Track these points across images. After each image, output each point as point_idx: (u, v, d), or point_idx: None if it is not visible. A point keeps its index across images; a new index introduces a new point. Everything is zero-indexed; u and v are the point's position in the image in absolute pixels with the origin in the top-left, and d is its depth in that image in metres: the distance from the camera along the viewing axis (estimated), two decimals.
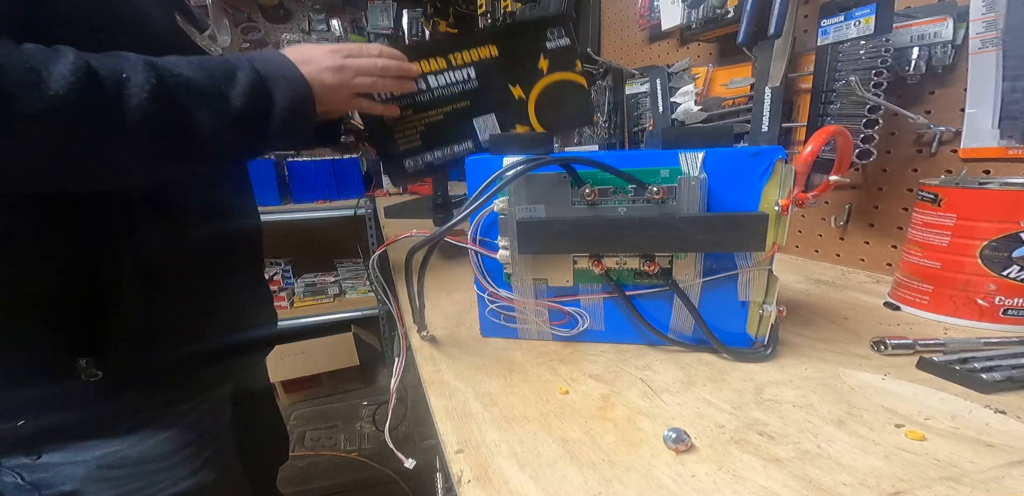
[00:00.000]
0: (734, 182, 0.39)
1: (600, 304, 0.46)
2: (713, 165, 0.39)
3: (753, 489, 0.26)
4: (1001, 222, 0.44)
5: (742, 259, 0.40)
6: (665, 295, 0.43)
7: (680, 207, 0.39)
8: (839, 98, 0.62)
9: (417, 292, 0.46)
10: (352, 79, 0.51)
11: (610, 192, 0.40)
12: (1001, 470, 0.27)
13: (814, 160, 0.36)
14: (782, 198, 0.38)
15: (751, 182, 0.38)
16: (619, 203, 0.40)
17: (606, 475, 0.28)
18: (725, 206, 0.39)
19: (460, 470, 0.29)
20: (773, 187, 0.38)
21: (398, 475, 1.54)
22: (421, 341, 0.49)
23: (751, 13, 0.72)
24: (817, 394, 0.36)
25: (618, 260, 0.43)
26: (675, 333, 0.45)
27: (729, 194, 0.39)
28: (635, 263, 0.42)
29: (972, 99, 0.55)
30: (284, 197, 1.98)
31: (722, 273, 0.41)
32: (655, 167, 0.39)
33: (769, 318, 0.41)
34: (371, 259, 0.45)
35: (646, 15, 1.06)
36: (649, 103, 1.02)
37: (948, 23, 0.55)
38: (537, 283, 0.45)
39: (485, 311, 0.48)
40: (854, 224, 0.70)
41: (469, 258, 0.46)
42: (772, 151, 0.37)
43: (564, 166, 0.40)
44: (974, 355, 0.39)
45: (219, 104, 0.41)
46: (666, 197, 0.39)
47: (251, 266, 0.63)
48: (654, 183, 0.39)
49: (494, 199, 0.41)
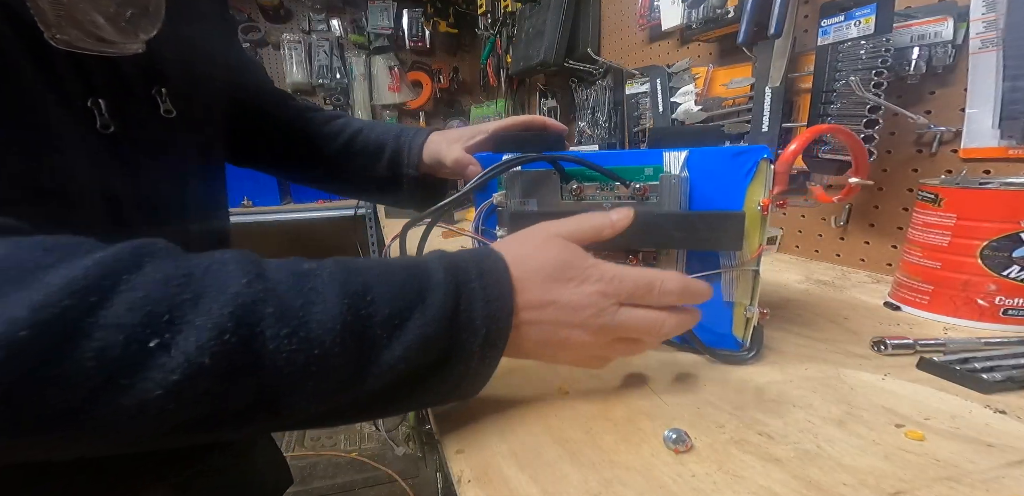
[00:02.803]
0: (718, 181, 0.38)
1: None
2: (697, 164, 0.39)
3: (753, 489, 0.26)
4: (1001, 222, 0.44)
5: (726, 258, 0.40)
6: None
7: (661, 204, 0.39)
8: (839, 98, 0.62)
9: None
10: (606, 347, 0.31)
11: (596, 188, 0.42)
12: (1001, 470, 0.27)
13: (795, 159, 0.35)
14: (764, 197, 0.38)
15: (735, 181, 0.38)
16: (604, 199, 0.42)
17: (606, 475, 0.28)
18: (710, 205, 0.39)
19: (460, 470, 0.29)
20: (758, 187, 0.37)
21: (398, 475, 1.54)
22: None
23: (751, 13, 0.72)
24: (817, 394, 0.36)
25: (603, 254, 0.43)
26: None
27: (714, 193, 0.39)
28: (619, 257, 0.43)
29: (972, 99, 0.55)
30: (284, 197, 1.98)
31: (706, 271, 0.41)
32: (639, 165, 0.40)
33: (752, 320, 0.41)
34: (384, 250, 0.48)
35: (646, 15, 1.06)
36: (649, 103, 1.02)
37: (948, 23, 0.55)
38: None
39: None
40: (854, 224, 0.70)
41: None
42: (756, 150, 0.37)
43: (551, 163, 0.43)
44: (974, 355, 0.39)
45: (342, 383, 0.24)
46: (648, 194, 0.39)
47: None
48: (637, 180, 0.40)
49: (493, 191, 0.44)
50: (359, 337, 0.23)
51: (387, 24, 2.31)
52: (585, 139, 1.32)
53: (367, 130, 0.59)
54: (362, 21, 2.34)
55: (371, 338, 0.24)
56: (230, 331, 0.20)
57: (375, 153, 0.58)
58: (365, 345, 0.23)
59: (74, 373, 0.18)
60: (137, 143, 0.34)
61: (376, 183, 0.59)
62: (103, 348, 0.18)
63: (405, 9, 2.34)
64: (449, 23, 2.36)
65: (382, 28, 2.31)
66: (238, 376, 0.21)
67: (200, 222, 0.43)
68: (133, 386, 0.19)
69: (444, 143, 0.55)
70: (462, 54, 2.52)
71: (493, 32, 1.85)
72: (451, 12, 2.34)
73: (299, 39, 2.26)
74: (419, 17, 2.37)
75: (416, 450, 1.64)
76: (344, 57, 2.35)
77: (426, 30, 2.39)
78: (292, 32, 2.27)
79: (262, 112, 0.59)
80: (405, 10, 2.35)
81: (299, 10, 2.29)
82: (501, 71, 1.86)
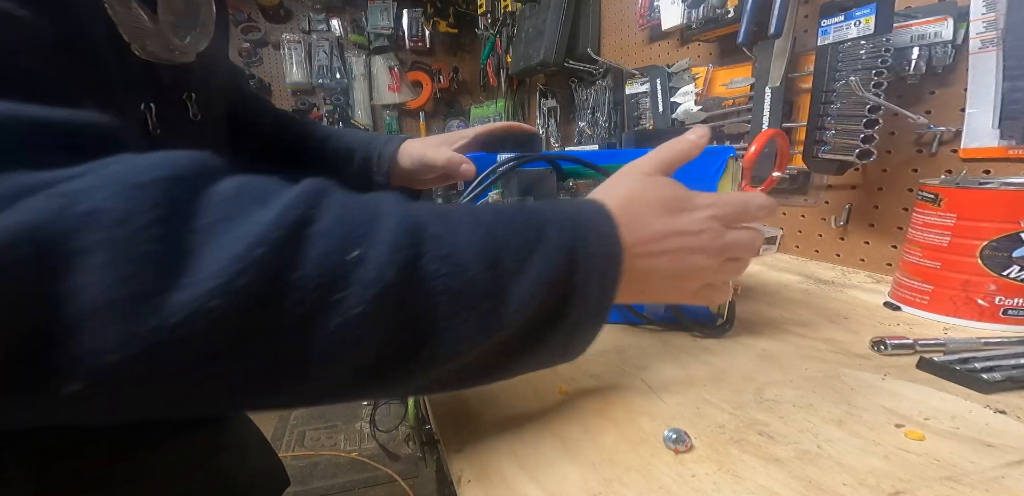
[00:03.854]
0: (693, 177, 0.43)
1: None
2: None
3: (753, 489, 0.26)
4: (1001, 222, 0.44)
5: None
6: None
7: None
8: (839, 98, 0.62)
9: None
10: (720, 270, 0.32)
11: (591, 185, 0.45)
12: (1001, 470, 0.27)
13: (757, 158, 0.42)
14: (733, 190, 0.43)
15: (707, 177, 0.43)
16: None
17: (606, 475, 0.28)
18: None
19: (460, 470, 0.29)
20: (726, 182, 0.43)
21: (398, 475, 1.54)
22: None
23: (751, 13, 0.72)
24: (817, 394, 0.36)
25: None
26: (649, 312, 0.49)
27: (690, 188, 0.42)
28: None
29: (972, 99, 0.55)
30: None
31: None
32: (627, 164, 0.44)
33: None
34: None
35: (646, 15, 1.06)
36: (649, 103, 1.02)
37: (948, 23, 0.55)
38: None
39: None
40: (854, 224, 0.70)
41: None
42: (723, 150, 0.42)
43: (550, 162, 0.45)
44: (974, 355, 0.39)
45: (485, 318, 0.23)
46: None
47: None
48: None
49: (489, 191, 0.46)
50: (495, 266, 0.23)
51: (387, 24, 2.31)
52: (585, 139, 1.32)
53: (336, 136, 0.60)
54: (362, 21, 2.34)
55: (505, 270, 0.24)
56: (406, 248, 0.21)
57: (345, 158, 0.59)
58: (502, 277, 0.24)
59: (304, 280, 0.19)
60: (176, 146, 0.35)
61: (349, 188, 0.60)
62: (323, 255, 0.20)
63: (405, 9, 2.34)
64: (449, 23, 2.36)
65: (382, 28, 2.31)
66: (412, 297, 0.21)
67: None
68: (340, 303, 0.19)
69: (428, 148, 0.55)
70: (462, 54, 2.52)
71: (493, 32, 1.85)
72: (451, 12, 2.34)
73: (299, 39, 2.26)
74: (419, 17, 2.37)
75: (416, 450, 1.64)
76: (344, 57, 2.35)
77: (426, 30, 2.39)
78: (292, 32, 2.27)
79: (251, 117, 0.60)
80: (405, 10, 2.34)
81: (299, 10, 2.29)
82: (501, 71, 1.86)
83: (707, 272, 0.32)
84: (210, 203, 0.19)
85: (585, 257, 0.26)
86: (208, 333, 0.17)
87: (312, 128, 0.61)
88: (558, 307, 0.26)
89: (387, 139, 0.59)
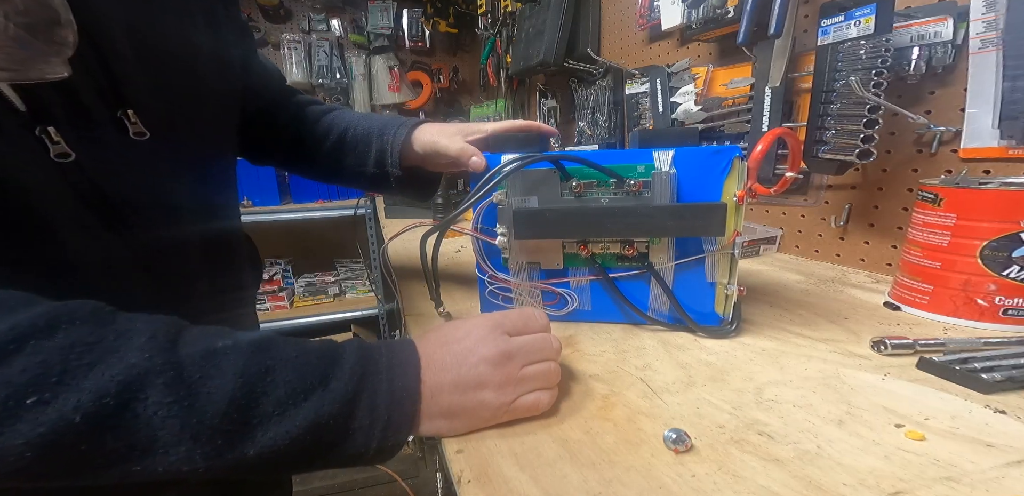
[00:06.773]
0: (700, 177, 0.43)
1: (587, 286, 0.50)
2: (682, 162, 0.43)
3: (753, 489, 0.26)
4: (1001, 222, 0.44)
5: (708, 244, 0.45)
6: (643, 277, 0.48)
7: (653, 198, 0.44)
8: (839, 98, 0.62)
9: (432, 272, 0.50)
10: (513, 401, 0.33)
11: (594, 185, 0.45)
12: (1001, 470, 0.27)
13: (763, 157, 0.41)
14: (739, 190, 0.42)
15: (714, 176, 0.43)
16: (602, 195, 0.45)
17: (606, 475, 0.28)
18: (693, 197, 0.44)
19: (460, 470, 0.29)
20: (732, 181, 0.43)
21: (398, 475, 1.54)
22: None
23: (751, 13, 0.72)
24: (817, 394, 0.36)
25: (602, 245, 0.47)
26: (654, 312, 0.49)
27: (696, 187, 0.44)
28: (616, 247, 0.47)
29: (972, 99, 0.55)
30: (284, 197, 1.98)
31: (691, 256, 0.46)
32: (633, 163, 0.44)
33: (732, 297, 0.45)
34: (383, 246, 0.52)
35: (646, 15, 1.06)
36: (649, 103, 1.02)
37: (948, 23, 0.55)
38: (531, 266, 0.50)
39: (485, 292, 0.53)
40: (854, 224, 0.70)
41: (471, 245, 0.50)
42: (730, 150, 0.42)
43: (554, 162, 0.45)
44: (974, 355, 0.39)
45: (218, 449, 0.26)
46: (642, 189, 0.44)
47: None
48: (631, 177, 0.44)
49: (495, 190, 0.46)
50: (245, 412, 0.26)
51: (387, 24, 2.31)
52: (585, 139, 1.31)
53: (352, 128, 0.59)
54: (362, 21, 2.33)
55: (260, 414, 0.26)
56: (111, 395, 0.23)
57: (363, 152, 0.59)
58: (253, 420, 0.26)
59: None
60: (104, 170, 0.33)
61: (368, 179, 0.60)
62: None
63: (405, 9, 2.34)
64: (449, 23, 2.36)
65: (382, 28, 2.31)
66: (107, 435, 0.23)
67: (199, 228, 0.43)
68: (1, 433, 0.22)
69: (443, 136, 0.55)
70: (462, 54, 2.52)
71: (493, 32, 1.85)
72: (451, 12, 2.34)
73: (299, 39, 2.26)
74: (419, 17, 2.37)
75: (416, 450, 1.63)
76: (344, 57, 2.35)
77: (426, 30, 2.39)
78: (292, 32, 2.27)
79: (274, 116, 0.60)
80: (405, 10, 2.34)
81: (299, 10, 2.28)
82: (501, 71, 1.86)
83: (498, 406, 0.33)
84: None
85: (369, 406, 0.29)
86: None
87: (331, 122, 0.60)
88: (332, 443, 0.28)
89: (399, 125, 0.58)
